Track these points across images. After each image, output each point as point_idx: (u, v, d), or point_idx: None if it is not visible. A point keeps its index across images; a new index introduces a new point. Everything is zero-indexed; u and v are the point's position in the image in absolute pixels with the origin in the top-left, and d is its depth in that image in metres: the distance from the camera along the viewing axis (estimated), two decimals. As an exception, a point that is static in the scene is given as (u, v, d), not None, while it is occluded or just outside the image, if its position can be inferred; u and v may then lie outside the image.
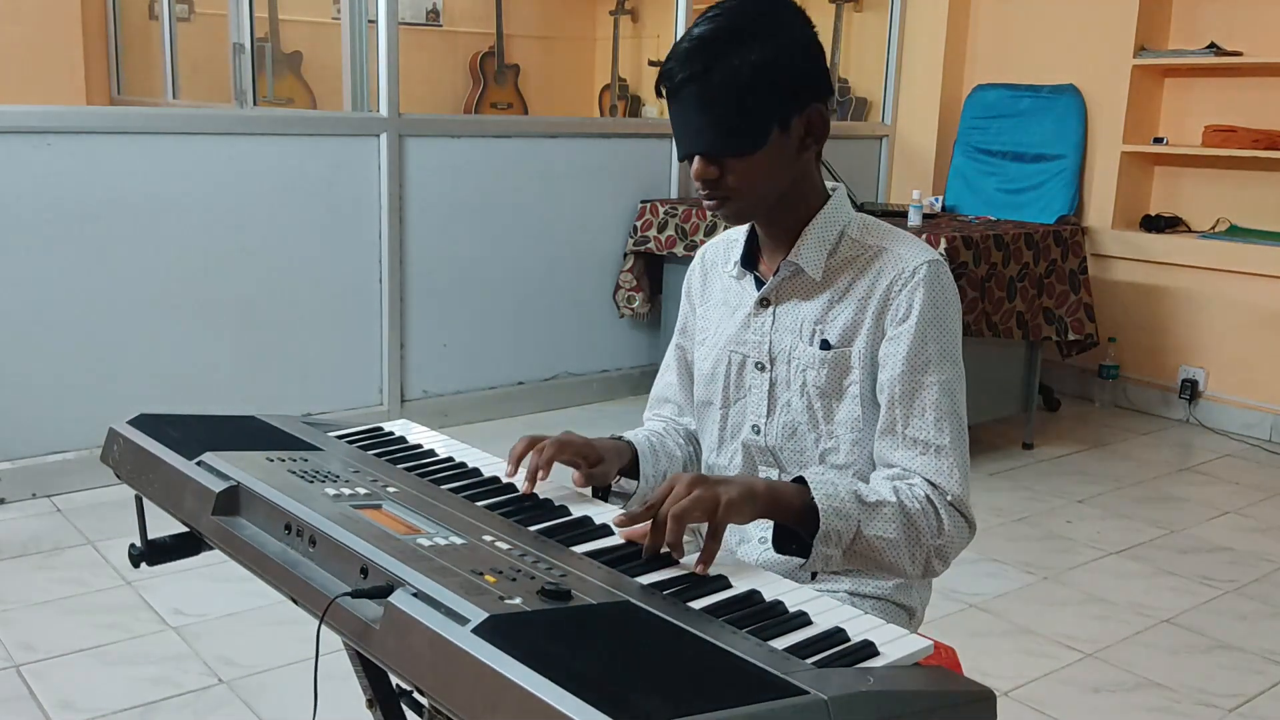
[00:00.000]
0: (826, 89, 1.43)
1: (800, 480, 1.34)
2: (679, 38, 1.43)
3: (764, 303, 1.52)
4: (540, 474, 1.40)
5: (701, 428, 1.64)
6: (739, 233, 1.59)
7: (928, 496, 1.37)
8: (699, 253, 1.68)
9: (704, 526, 1.25)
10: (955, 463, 1.40)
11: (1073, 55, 5.02)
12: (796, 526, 1.33)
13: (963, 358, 1.46)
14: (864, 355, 1.44)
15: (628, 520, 1.25)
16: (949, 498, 1.38)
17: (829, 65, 1.47)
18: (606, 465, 1.50)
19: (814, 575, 1.49)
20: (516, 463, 1.43)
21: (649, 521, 1.24)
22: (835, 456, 1.48)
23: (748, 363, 1.54)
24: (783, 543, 1.35)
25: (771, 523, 1.38)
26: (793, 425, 1.50)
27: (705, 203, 1.46)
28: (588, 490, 1.48)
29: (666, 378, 1.73)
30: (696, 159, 1.42)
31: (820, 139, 1.45)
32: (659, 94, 1.44)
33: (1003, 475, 4.04)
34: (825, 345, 1.46)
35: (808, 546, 1.32)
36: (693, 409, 1.69)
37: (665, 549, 1.22)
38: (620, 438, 1.59)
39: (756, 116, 1.38)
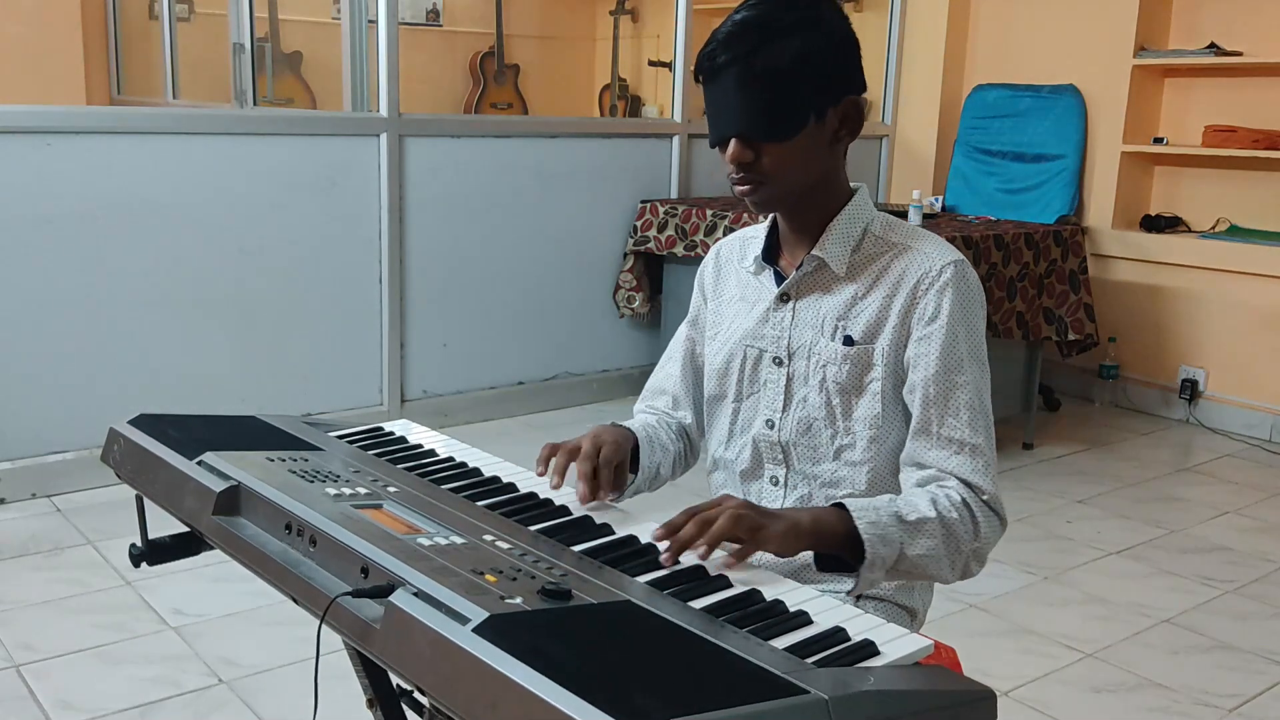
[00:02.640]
0: (861, 84, 1.47)
1: (839, 505, 1.34)
2: (718, 25, 1.43)
3: (784, 298, 1.52)
4: (591, 497, 1.40)
5: (711, 422, 1.63)
6: (757, 230, 1.60)
7: (964, 500, 1.39)
8: (714, 248, 1.69)
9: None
10: (989, 461, 1.42)
11: (1073, 55, 5.01)
12: (840, 553, 1.34)
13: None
14: (888, 353, 1.45)
15: (667, 530, 1.24)
16: (984, 497, 1.40)
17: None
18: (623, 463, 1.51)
19: (859, 598, 1.49)
20: (556, 470, 1.44)
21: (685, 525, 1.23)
22: (851, 453, 1.48)
23: (764, 357, 1.53)
24: (824, 561, 1.36)
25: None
26: (808, 420, 1.50)
27: (736, 188, 1.47)
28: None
29: (668, 368, 1.72)
30: (732, 142, 1.43)
31: (854, 133, 1.47)
32: (696, 79, 1.45)
33: (1003, 475, 4.00)
34: (848, 341, 1.46)
35: (849, 565, 1.33)
36: (689, 403, 1.68)
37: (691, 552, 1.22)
38: (620, 425, 1.59)
39: (794, 103, 1.40)
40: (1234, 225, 4.76)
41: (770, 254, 1.57)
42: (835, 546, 1.32)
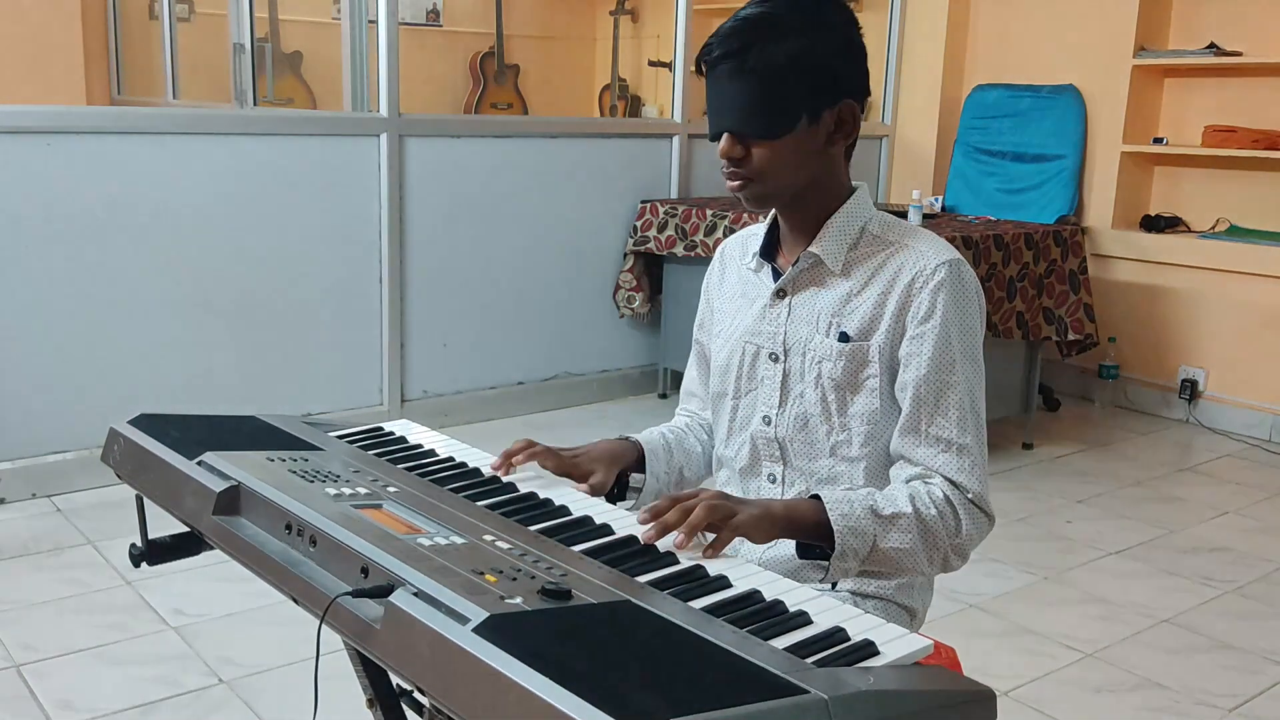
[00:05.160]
0: (862, 88, 1.46)
1: (816, 496, 1.37)
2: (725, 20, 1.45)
3: (780, 294, 1.53)
4: (517, 459, 1.45)
5: (715, 419, 1.65)
6: (759, 228, 1.61)
7: (946, 496, 1.40)
8: (720, 246, 1.71)
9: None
10: (976, 460, 1.44)
11: (1073, 55, 5.01)
12: (815, 542, 1.36)
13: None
14: (883, 350, 1.46)
15: (650, 515, 1.26)
16: (969, 495, 1.42)
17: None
18: (601, 475, 1.51)
19: (834, 585, 1.51)
20: (507, 459, 1.46)
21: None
22: (848, 449, 1.49)
23: (761, 353, 1.55)
24: (805, 548, 1.39)
25: None
26: (805, 417, 1.51)
27: (728, 183, 1.48)
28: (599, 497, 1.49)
29: (690, 372, 1.76)
30: (724, 136, 1.44)
31: (849, 135, 1.47)
32: (698, 71, 1.47)
33: (1003, 475, 4.04)
34: (844, 338, 1.47)
35: (828, 554, 1.35)
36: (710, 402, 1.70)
37: (670, 542, 1.25)
38: (626, 439, 1.60)
39: (787, 102, 1.40)
40: (1234, 225, 4.76)
41: (769, 251, 1.58)
42: (809, 535, 1.35)
